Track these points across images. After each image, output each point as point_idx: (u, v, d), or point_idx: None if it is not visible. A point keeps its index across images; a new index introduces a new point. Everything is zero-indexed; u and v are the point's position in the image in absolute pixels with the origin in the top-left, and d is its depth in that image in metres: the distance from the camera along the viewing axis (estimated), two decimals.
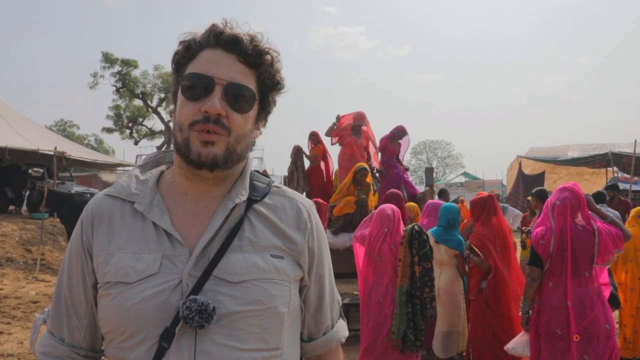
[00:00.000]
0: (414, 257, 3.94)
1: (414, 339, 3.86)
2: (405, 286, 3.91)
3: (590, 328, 3.41)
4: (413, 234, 3.99)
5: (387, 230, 4.13)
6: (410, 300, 3.91)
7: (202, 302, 1.00)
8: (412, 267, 3.94)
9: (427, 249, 4.00)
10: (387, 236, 4.11)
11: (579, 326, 3.41)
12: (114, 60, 25.27)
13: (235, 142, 1.08)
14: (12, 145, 14.07)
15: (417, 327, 3.88)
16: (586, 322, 3.41)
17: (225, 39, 1.08)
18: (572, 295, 3.45)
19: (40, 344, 1.17)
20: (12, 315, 6.92)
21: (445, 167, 51.50)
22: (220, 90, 1.06)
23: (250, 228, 1.12)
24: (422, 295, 3.92)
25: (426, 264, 3.96)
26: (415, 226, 4.05)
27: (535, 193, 6.58)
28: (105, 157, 24.65)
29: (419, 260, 3.94)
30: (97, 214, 1.14)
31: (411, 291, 3.92)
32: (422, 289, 3.93)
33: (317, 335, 1.26)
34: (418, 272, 3.91)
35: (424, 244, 3.98)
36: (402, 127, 8.41)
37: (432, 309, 3.99)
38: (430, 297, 3.95)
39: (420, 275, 3.92)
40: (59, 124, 48.66)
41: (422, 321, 3.92)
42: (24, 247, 10.89)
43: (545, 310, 3.54)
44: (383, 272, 4.09)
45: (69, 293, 1.15)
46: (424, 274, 3.93)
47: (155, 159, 1.27)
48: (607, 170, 17.44)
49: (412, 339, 3.86)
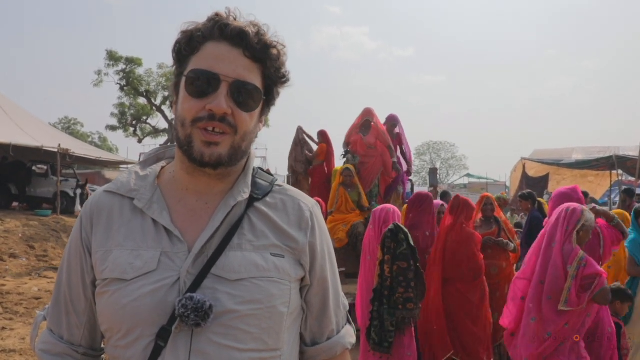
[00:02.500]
0: (385, 255, 3.84)
1: (378, 339, 3.76)
2: (374, 285, 3.87)
3: (594, 329, 3.40)
4: (386, 233, 3.91)
5: (380, 230, 4.12)
6: (378, 299, 3.82)
7: (198, 300, 0.98)
8: (382, 266, 3.85)
9: (404, 248, 3.84)
10: (379, 236, 4.10)
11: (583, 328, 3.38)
12: (118, 59, 25.32)
13: (241, 139, 1.07)
14: (17, 142, 14.13)
15: (383, 327, 3.76)
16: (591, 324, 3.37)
17: (231, 32, 1.04)
18: None
19: (40, 341, 1.17)
20: (14, 311, 6.95)
21: (449, 169, 51.45)
22: (226, 88, 1.03)
23: (250, 226, 1.10)
24: (392, 295, 3.80)
25: (402, 264, 3.81)
26: (391, 225, 3.97)
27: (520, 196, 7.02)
28: (109, 154, 24.70)
29: (393, 259, 3.82)
30: (96, 210, 1.13)
31: (381, 290, 3.82)
32: (393, 289, 3.81)
33: (321, 340, 1.22)
34: (388, 271, 3.81)
35: (400, 243, 3.86)
36: (392, 115, 8.11)
37: (405, 311, 3.79)
38: (405, 298, 3.78)
39: (394, 275, 3.81)
40: (63, 122, 48.82)
41: (394, 323, 3.78)
42: (27, 243, 10.92)
43: None
44: (370, 271, 4.09)
45: (68, 290, 1.14)
46: (398, 273, 3.80)
47: (155, 155, 1.25)
48: (611, 173, 17.36)
49: (375, 338, 3.77)
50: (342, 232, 6.69)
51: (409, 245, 3.89)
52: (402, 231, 3.91)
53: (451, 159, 51.93)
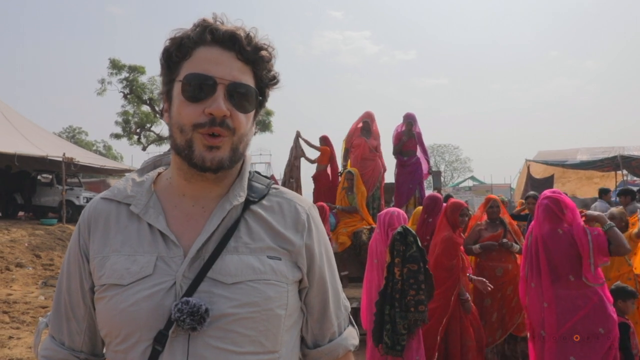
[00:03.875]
0: (395, 258, 3.83)
1: (390, 342, 3.74)
2: (382, 288, 3.85)
3: (579, 329, 3.45)
4: (395, 236, 3.91)
5: (386, 233, 4.12)
6: (388, 302, 3.81)
7: (194, 304, 0.98)
8: (391, 269, 3.85)
9: (414, 251, 3.84)
10: (387, 238, 4.10)
11: (562, 327, 3.48)
12: (121, 67, 25.39)
13: (239, 141, 1.07)
14: (21, 152, 14.19)
15: (395, 330, 3.76)
16: (569, 324, 3.47)
17: (223, 36, 1.05)
18: (551, 297, 3.57)
19: (42, 348, 1.17)
20: (21, 320, 6.97)
21: (453, 171, 51.32)
22: (223, 91, 1.04)
23: (246, 229, 1.11)
24: (404, 298, 3.79)
25: (412, 266, 3.80)
26: (399, 228, 3.96)
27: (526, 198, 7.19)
28: (114, 162, 24.79)
29: (403, 262, 3.82)
30: (94, 217, 1.13)
31: (391, 293, 3.81)
32: (404, 292, 3.80)
33: (322, 342, 1.22)
34: (398, 274, 3.80)
35: (410, 245, 3.85)
36: (409, 114, 8.04)
37: (417, 313, 3.78)
38: (416, 301, 3.77)
39: (405, 278, 3.79)
40: (67, 131, 48.99)
41: (406, 325, 3.77)
42: (33, 252, 10.96)
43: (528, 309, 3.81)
44: (377, 274, 4.08)
45: (68, 297, 1.15)
46: (409, 276, 3.79)
47: (153, 162, 1.26)
48: (616, 173, 17.31)
49: (387, 342, 3.75)
50: (344, 236, 6.70)
51: (418, 247, 3.89)
52: (410, 234, 3.91)
53: (455, 162, 51.82)
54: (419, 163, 8.00)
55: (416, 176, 7.87)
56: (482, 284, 4.49)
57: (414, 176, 7.86)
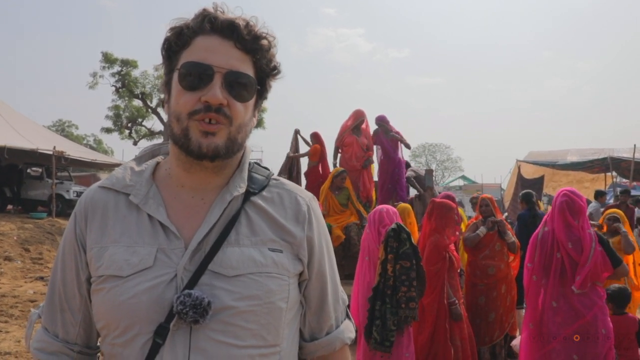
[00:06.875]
0: (388, 255, 3.85)
1: (379, 338, 3.76)
2: (375, 284, 3.87)
3: (586, 329, 3.47)
4: (389, 232, 3.93)
5: (377, 230, 4.13)
6: (380, 298, 3.83)
7: (196, 297, 0.96)
8: (384, 265, 3.87)
9: (407, 248, 3.86)
10: (378, 236, 4.11)
11: (569, 328, 3.50)
12: (113, 61, 25.26)
13: (237, 131, 1.06)
14: (11, 145, 14.04)
15: (385, 326, 3.77)
16: (577, 326, 3.48)
17: (221, 24, 1.04)
18: (560, 296, 3.57)
19: (35, 340, 1.15)
20: (9, 314, 6.92)
21: (444, 171, 51.55)
22: (220, 79, 1.02)
23: (247, 221, 1.09)
24: (395, 295, 3.80)
25: (405, 263, 3.83)
26: (393, 225, 3.98)
27: (520, 196, 6.95)
28: (104, 157, 24.61)
29: (396, 258, 3.84)
30: (91, 206, 1.11)
31: (383, 289, 3.83)
32: (396, 288, 3.81)
33: (319, 335, 1.21)
34: (391, 270, 3.82)
35: (403, 242, 3.88)
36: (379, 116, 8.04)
37: (408, 310, 3.81)
38: (407, 297, 3.80)
39: (397, 274, 3.82)
40: (57, 124, 48.54)
41: (396, 322, 3.78)
42: (22, 246, 10.88)
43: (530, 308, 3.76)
44: (368, 271, 4.09)
45: (62, 288, 1.12)
46: (401, 272, 3.82)
47: (150, 151, 1.24)
48: (605, 175, 17.43)
49: (376, 337, 3.76)
50: (338, 230, 6.68)
51: (411, 244, 3.91)
52: (404, 230, 3.93)
53: (446, 161, 52.09)
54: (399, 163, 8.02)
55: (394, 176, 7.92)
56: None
57: (392, 176, 7.91)
